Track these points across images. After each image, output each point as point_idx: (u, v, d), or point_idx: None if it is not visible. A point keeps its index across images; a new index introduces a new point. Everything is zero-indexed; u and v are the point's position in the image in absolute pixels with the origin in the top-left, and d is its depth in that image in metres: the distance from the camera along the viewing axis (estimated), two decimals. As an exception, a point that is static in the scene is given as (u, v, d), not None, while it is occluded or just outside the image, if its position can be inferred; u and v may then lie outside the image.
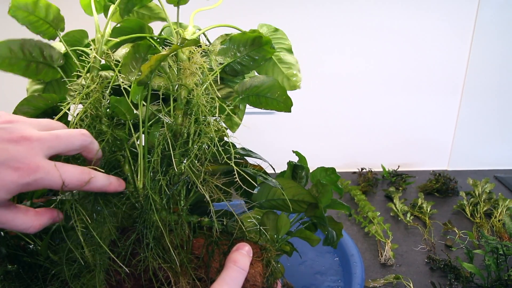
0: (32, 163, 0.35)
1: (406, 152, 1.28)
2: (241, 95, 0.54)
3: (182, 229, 0.47)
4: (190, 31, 0.51)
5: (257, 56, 0.54)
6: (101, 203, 0.46)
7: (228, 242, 0.47)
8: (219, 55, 0.53)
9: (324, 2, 1.09)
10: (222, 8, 0.57)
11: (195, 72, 0.47)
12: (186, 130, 0.48)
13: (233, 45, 0.53)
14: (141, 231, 0.45)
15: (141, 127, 0.48)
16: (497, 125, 1.24)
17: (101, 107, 0.47)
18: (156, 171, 0.47)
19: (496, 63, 1.16)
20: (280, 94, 0.53)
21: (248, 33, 0.53)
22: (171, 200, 0.47)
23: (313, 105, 1.21)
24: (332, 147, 1.27)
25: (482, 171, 1.27)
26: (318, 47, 1.14)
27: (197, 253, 0.47)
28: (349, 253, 0.80)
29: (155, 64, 0.44)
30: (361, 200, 1.03)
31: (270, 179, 0.52)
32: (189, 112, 0.48)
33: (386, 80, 1.19)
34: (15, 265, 0.54)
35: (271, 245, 0.49)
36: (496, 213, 0.96)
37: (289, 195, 0.57)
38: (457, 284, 0.76)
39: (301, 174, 0.66)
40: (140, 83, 0.47)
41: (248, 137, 1.30)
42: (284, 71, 0.58)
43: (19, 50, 0.49)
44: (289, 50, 0.59)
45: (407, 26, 1.12)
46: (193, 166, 0.46)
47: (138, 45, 0.51)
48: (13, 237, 0.57)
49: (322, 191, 0.62)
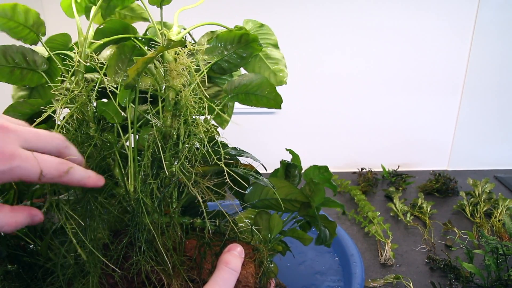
0: (7, 151, 0.34)
1: (406, 152, 1.28)
2: (230, 94, 0.53)
3: (175, 231, 0.47)
4: (175, 31, 0.50)
5: (244, 53, 0.54)
6: (93, 206, 0.46)
7: (221, 243, 0.47)
8: (205, 54, 0.52)
9: (324, 2, 1.09)
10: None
11: (181, 73, 0.47)
12: (176, 131, 0.47)
13: (220, 43, 0.53)
14: (133, 234, 0.45)
15: (130, 129, 0.48)
16: (497, 125, 1.24)
17: (88, 111, 0.47)
18: (147, 173, 0.46)
19: (496, 63, 1.16)
20: (270, 91, 0.53)
21: (235, 31, 0.52)
22: (163, 202, 0.47)
23: (313, 105, 1.21)
24: (332, 147, 1.27)
25: (482, 171, 1.27)
26: (318, 47, 1.14)
27: (190, 255, 0.47)
28: (349, 253, 0.80)
29: (142, 67, 0.43)
30: (361, 200, 1.03)
31: (261, 179, 0.51)
32: (177, 113, 0.47)
33: (386, 80, 1.19)
34: (15, 265, 0.54)
35: (264, 245, 0.49)
36: (496, 213, 0.96)
37: (282, 194, 0.57)
38: (457, 284, 0.76)
39: (294, 173, 0.66)
40: (127, 87, 0.46)
41: (248, 137, 1.31)
42: (271, 66, 0.58)
43: (1, 56, 0.49)
44: (275, 45, 0.59)
45: (407, 26, 1.12)
46: (183, 168, 0.46)
47: (123, 46, 0.50)
48: (13, 237, 0.57)
49: (315, 190, 0.62)
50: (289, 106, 1.24)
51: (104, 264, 0.44)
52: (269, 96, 0.53)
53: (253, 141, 1.21)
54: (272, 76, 0.58)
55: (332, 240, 0.65)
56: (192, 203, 0.51)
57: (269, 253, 0.50)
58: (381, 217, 0.94)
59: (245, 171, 0.50)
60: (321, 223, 0.64)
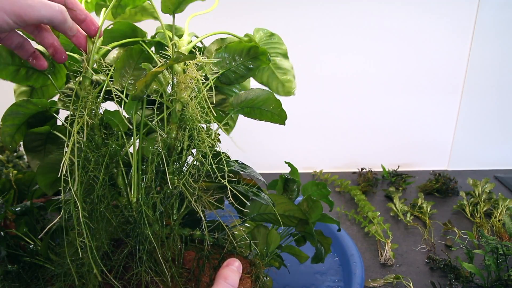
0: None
1: (406, 152, 1.28)
2: (236, 108, 0.54)
3: (174, 242, 0.47)
4: (185, 40, 0.50)
5: (252, 65, 0.53)
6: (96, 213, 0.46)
7: (219, 256, 0.48)
8: (214, 64, 0.52)
9: (324, 3, 1.09)
10: (218, 10, 0.56)
11: (189, 86, 0.46)
12: (181, 144, 0.47)
13: (228, 54, 0.53)
14: (134, 244, 0.45)
15: (134, 139, 0.48)
16: (497, 125, 1.24)
17: (95, 118, 0.47)
18: (149, 185, 0.46)
19: (496, 63, 1.16)
20: (275, 107, 0.53)
21: (244, 43, 0.52)
22: (164, 213, 0.47)
23: (313, 105, 1.21)
24: (332, 147, 1.27)
25: (482, 171, 1.27)
26: (318, 47, 1.14)
27: (188, 266, 0.47)
28: (349, 253, 0.80)
29: (151, 79, 0.43)
30: (361, 200, 1.03)
31: (262, 196, 0.51)
32: (183, 126, 0.47)
33: (386, 80, 1.19)
34: (15, 265, 0.54)
35: (261, 260, 0.50)
36: (496, 213, 0.96)
37: (280, 210, 0.58)
38: (457, 284, 0.76)
39: (292, 187, 0.68)
40: (135, 98, 0.46)
41: (248, 138, 1.31)
42: (279, 76, 0.58)
43: (8, 55, 0.49)
44: (284, 55, 0.59)
45: (407, 26, 1.12)
46: (187, 183, 0.46)
47: (131, 50, 0.50)
48: (13, 237, 0.57)
49: (313, 207, 0.64)
50: (289, 106, 1.23)
51: (104, 274, 0.45)
52: (274, 111, 0.53)
53: (253, 140, 1.21)
54: (280, 86, 0.58)
55: (326, 255, 0.67)
56: (192, 213, 0.51)
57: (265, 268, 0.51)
58: (381, 217, 0.94)
59: (246, 189, 0.50)
60: (317, 238, 0.65)
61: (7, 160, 0.89)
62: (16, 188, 0.66)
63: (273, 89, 0.59)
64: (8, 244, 0.55)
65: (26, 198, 0.66)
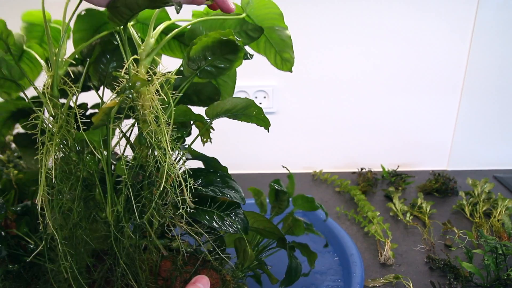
0: None
1: (405, 152, 1.29)
2: (213, 118, 0.52)
3: (151, 254, 0.48)
4: (147, 48, 0.44)
5: (230, 58, 0.49)
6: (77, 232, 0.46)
7: (191, 269, 0.48)
8: (190, 62, 0.48)
9: (324, 2, 1.09)
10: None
11: (153, 107, 0.43)
12: (151, 165, 0.45)
13: (197, 55, 0.48)
14: (113, 259, 0.46)
15: (105, 166, 0.46)
16: (496, 125, 1.25)
17: (69, 137, 0.45)
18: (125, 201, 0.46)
19: (496, 63, 1.16)
20: (258, 113, 0.51)
21: (209, 37, 0.47)
22: (139, 229, 0.47)
23: (313, 105, 1.21)
24: (331, 147, 1.27)
25: (482, 171, 1.28)
26: (317, 47, 1.14)
27: (163, 276, 0.48)
28: (348, 252, 0.80)
29: (103, 117, 0.42)
30: (360, 200, 1.03)
31: (237, 220, 0.48)
32: (151, 148, 0.45)
33: (385, 80, 1.19)
34: (16, 265, 0.54)
35: (231, 277, 0.51)
36: (495, 213, 0.96)
37: (261, 225, 0.60)
38: (457, 283, 0.77)
39: (282, 198, 0.70)
40: (96, 128, 0.44)
41: (248, 138, 1.31)
42: (276, 48, 0.54)
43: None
44: (280, 20, 0.54)
45: (406, 26, 1.12)
46: (155, 211, 0.45)
47: (105, 44, 0.50)
48: (13, 237, 0.57)
49: (295, 225, 0.69)
50: (289, 106, 1.24)
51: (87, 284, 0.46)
52: (258, 116, 0.52)
53: (253, 140, 1.21)
54: (278, 59, 0.55)
55: (310, 272, 0.70)
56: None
57: (237, 284, 0.52)
58: (381, 217, 0.94)
59: (220, 215, 0.47)
60: (304, 252, 0.68)
61: (7, 160, 0.89)
62: (17, 188, 0.66)
63: (271, 61, 0.56)
64: (8, 244, 0.55)
65: (27, 198, 0.66)
